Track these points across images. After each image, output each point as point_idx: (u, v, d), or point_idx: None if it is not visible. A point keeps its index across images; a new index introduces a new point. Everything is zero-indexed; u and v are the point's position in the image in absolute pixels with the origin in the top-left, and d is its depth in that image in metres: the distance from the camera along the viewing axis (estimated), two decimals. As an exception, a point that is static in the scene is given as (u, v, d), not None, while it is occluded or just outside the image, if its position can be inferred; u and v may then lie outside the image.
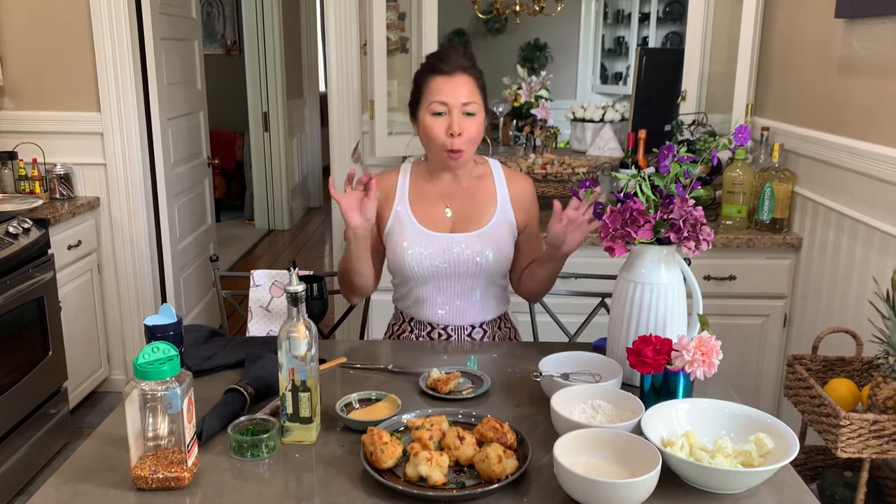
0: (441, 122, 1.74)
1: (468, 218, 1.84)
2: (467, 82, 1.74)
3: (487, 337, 1.91)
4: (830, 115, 2.43)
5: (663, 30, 5.37)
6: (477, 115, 1.75)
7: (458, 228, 1.84)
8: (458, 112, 1.73)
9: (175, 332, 1.50)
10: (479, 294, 1.87)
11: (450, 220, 1.85)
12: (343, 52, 3.21)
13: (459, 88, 1.73)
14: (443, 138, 1.74)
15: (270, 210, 6.67)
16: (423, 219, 1.84)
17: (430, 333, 1.90)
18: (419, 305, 1.89)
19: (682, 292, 1.53)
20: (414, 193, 1.86)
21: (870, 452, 1.68)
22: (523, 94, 3.29)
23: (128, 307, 3.43)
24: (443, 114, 1.73)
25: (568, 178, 2.92)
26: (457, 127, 1.72)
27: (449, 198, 1.86)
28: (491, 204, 1.86)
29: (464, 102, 1.73)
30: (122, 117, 3.26)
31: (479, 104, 1.76)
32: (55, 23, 3.18)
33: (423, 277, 1.83)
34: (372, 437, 1.23)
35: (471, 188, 1.87)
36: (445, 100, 1.73)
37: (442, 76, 1.75)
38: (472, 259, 1.81)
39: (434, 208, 1.85)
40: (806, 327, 2.58)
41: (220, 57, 7.07)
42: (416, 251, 1.81)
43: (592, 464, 1.22)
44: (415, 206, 1.85)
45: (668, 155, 1.50)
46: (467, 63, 1.76)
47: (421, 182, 1.88)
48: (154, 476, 1.19)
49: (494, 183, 1.88)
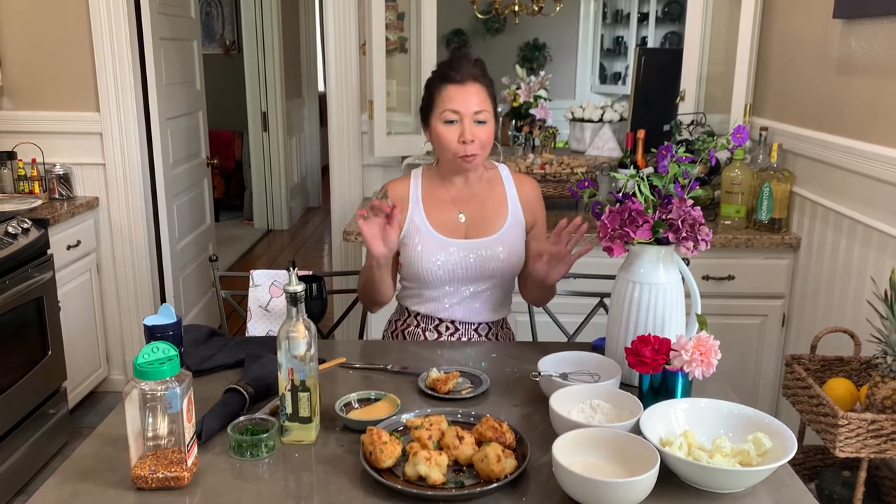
0: (453, 129, 1.78)
1: (481, 223, 1.88)
2: (478, 91, 1.78)
3: (492, 335, 1.94)
4: (829, 116, 2.43)
5: (662, 30, 5.38)
6: (488, 123, 1.79)
7: (472, 234, 1.87)
8: (469, 120, 1.76)
9: (174, 331, 1.50)
10: (489, 295, 1.91)
11: (464, 225, 1.88)
12: (342, 51, 3.21)
13: (471, 97, 1.77)
14: (455, 145, 1.78)
15: (269, 210, 6.67)
16: (438, 225, 1.86)
17: (437, 327, 1.92)
18: (429, 303, 1.92)
19: (680, 292, 1.54)
20: (427, 199, 1.89)
21: (868, 452, 1.69)
22: (522, 94, 3.29)
23: (127, 307, 3.43)
24: (455, 122, 1.77)
25: (567, 178, 2.92)
26: (469, 135, 1.76)
27: (461, 203, 1.89)
28: (502, 208, 1.89)
29: (475, 111, 1.77)
30: (122, 117, 3.26)
31: (490, 111, 1.80)
32: (54, 23, 3.18)
33: (439, 282, 1.86)
34: (371, 437, 1.23)
35: (482, 193, 1.90)
36: (457, 108, 1.76)
37: (454, 85, 1.78)
38: (487, 265, 1.85)
39: (448, 214, 1.88)
40: (804, 327, 2.58)
41: (218, 57, 7.07)
42: (432, 257, 1.83)
43: (591, 463, 1.22)
44: (429, 213, 1.87)
45: (667, 155, 1.51)
46: (478, 72, 1.80)
47: (433, 188, 1.90)
48: (154, 476, 1.19)
49: (504, 186, 1.91)
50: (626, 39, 5.64)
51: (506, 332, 1.99)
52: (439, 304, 1.90)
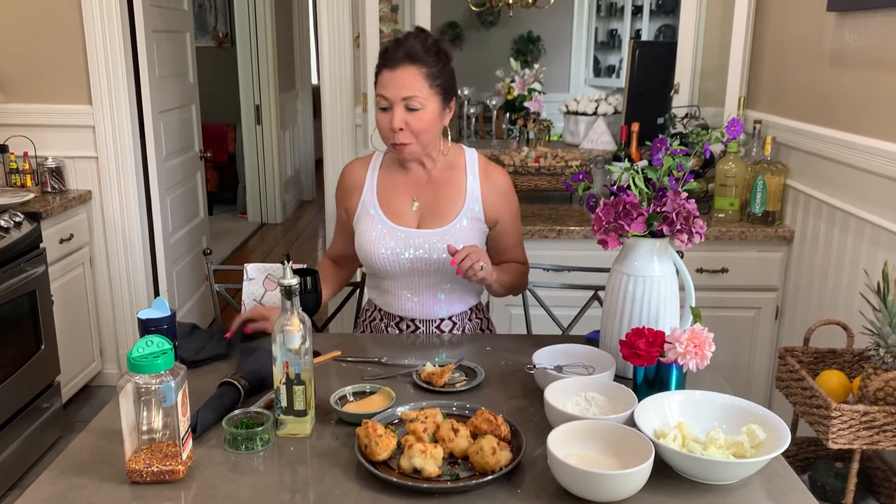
0: (385, 117, 1.72)
1: (435, 213, 1.81)
2: (411, 75, 1.68)
3: (457, 329, 1.90)
4: (822, 108, 2.43)
5: (656, 22, 5.37)
6: (424, 109, 1.69)
7: (424, 224, 1.81)
8: (400, 107, 1.69)
9: (169, 325, 1.50)
10: (448, 290, 1.86)
11: (416, 213, 1.82)
12: (336, 44, 3.20)
13: (400, 81, 1.68)
14: (387, 132, 1.73)
15: (263, 203, 6.65)
16: (390, 212, 1.82)
17: (398, 324, 1.89)
18: (387, 296, 1.89)
19: (674, 285, 1.54)
20: (382, 184, 1.84)
21: (860, 443, 1.70)
22: (516, 87, 3.28)
23: (120, 301, 3.42)
24: (387, 108, 1.71)
25: (561, 172, 2.92)
26: (397, 122, 1.69)
27: (416, 189, 1.83)
28: (459, 199, 1.81)
29: (404, 97, 1.68)
30: (114, 110, 3.24)
31: (427, 96, 1.69)
32: (46, 15, 3.16)
33: (389, 271, 1.82)
34: (366, 430, 1.23)
35: (439, 179, 1.83)
36: (386, 94, 1.70)
37: (387, 70, 1.71)
38: (437, 257, 1.79)
39: (401, 201, 1.83)
40: (797, 319, 2.59)
41: (211, 49, 7.04)
42: (381, 244, 1.79)
43: (586, 455, 1.23)
44: (382, 198, 1.83)
45: (661, 148, 1.51)
46: (418, 50, 1.68)
47: (390, 172, 1.85)
48: (149, 469, 1.19)
49: (466, 175, 1.83)
50: (621, 32, 5.63)
51: (476, 322, 1.92)
52: (395, 298, 1.86)
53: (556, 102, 3.50)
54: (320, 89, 3.29)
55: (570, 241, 2.62)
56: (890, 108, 2.07)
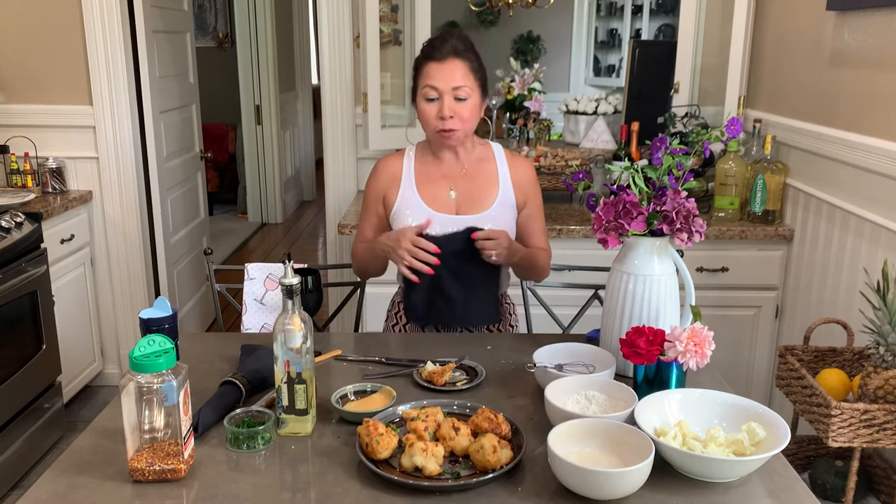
0: (433, 106, 1.80)
1: (472, 200, 1.88)
2: (460, 66, 1.79)
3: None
4: (822, 107, 2.44)
5: (656, 22, 5.38)
6: (470, 99, 1.80)
7: (462, 210, 1.88)
8: (449, 97, 1.78)
9: (170, 325, 1.50)
10: None
11: (454, 201, 1.88)
12: (336, 44, 3.20)
13: (450, 73, 1.78)
14: (435, 121, 1.80)
15: (263, 203, 6.65)
16: (430, 200, 1.87)
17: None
18: None
19: (674, 284, 1.54)
20: (419, 175, 1.90)
21: (860, 441, 1.70)
22: (516, 87, 3.29)
23: (121, 301, 3.43)
24: (435, 99, 1.79)
25: (561, 171, 2.92)
26: (447, 111, 1.77)
27: (452, 179, 1.90)
28: (493, 186, 1.89)
29: (454, 87, 1.78)
30: (115, 111, 3.24)
31: (472, 87, 1.80)
32: (46, 16, 3.16)
33: None
34: (368, 429, 1.23)
35: (473, 170, 1.91)
36: (436, 84, 1.78)
37: (434, 62, 1.79)
38: None
39: (439, 190, 1.89)
40: (798, 318, 2.60)
41: (211, 50, 7.04)
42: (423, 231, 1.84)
43: (586, 453, 1.23)
44: (421, 188, 1.89)
45: (661, 147, 1.51)
46: (461, 47, 1.80)
47: (425, 164, 1.92)
48: (150, 468, 1.20)
49: (496, 165, 1.92)
50: (621, 32, 5.63)
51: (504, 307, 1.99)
52: None
53: (556, 102, 3.51)
54: (320, 89, 3.30)
55: (570, 240, 2.62)
56: (889, 107, 2.07)
